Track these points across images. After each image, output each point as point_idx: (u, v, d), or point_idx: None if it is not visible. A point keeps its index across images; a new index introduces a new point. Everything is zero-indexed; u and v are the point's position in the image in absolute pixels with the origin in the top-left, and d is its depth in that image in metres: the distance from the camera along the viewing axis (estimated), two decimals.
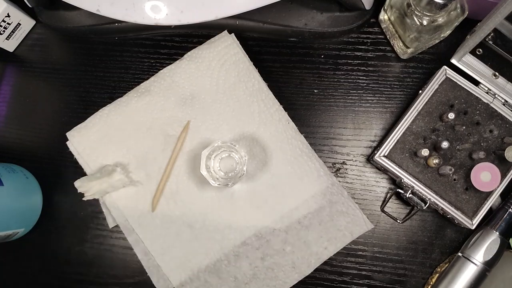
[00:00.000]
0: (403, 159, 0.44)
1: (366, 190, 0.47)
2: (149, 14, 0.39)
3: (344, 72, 0.48)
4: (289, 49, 0.49)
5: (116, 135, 0.46)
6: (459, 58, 0.44)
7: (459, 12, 0.40)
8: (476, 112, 0.44)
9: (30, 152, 0.50)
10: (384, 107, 0.48)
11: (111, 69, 0.51)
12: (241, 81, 0.47)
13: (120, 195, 0.45)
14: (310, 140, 0.47)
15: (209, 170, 0.43)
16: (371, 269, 0.46)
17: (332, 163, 0.47)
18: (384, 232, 0.46)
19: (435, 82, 0.45)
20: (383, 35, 0.48)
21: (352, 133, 0.48)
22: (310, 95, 0.48)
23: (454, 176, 0.44)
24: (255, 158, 0.46)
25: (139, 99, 0.47)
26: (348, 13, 0.47)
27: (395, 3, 0.42)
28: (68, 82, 0.51)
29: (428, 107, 0.44)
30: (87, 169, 0.46)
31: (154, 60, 0.50)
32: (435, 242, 0.46)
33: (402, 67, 0.48)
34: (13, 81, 0.52)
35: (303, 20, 0.47)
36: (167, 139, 0.46)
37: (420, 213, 0.46)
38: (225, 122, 0.47)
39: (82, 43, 0.51)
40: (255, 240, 0.45)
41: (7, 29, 0.49)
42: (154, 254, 0.45)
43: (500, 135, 0.44)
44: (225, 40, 0.47)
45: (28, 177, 0.48)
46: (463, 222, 0.43)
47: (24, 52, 0.52)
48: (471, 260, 0.42)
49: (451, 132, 0.44)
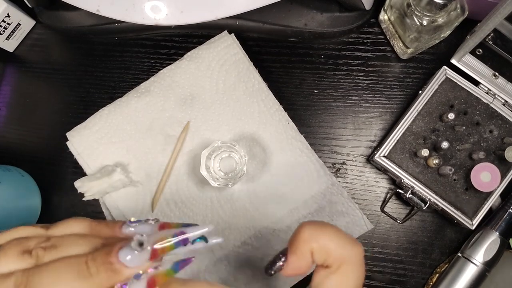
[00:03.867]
0: (403, 159, 0.44)
1: (366, 190, 0.47)
2: (149, 14, 0.39)
3: (344, 72, 0.48)
4: (289, 49, 0.49)
5: (116, 135, 0.46)
6: (459, 58, 0.44)
7: (459, 12, 0.40)
8: (476, 112, 0.44)
9: (30, 152, 0.50)
10: (384, 107, 0.48)
11: (111, 69, 0.51)
12: (241, 81, 0.47)
13: (120, 195, 0.46)
14: (310, 140, 0.47)
15: (209, 170, 0.43)
16: (371, 269, 0.46)
17: (332, 163, 0.47)
18: (384, 232, 0.46)
19: (435, 82, 0.45)
20: (383, 35, 0.48)
21: (352, 133, 0.48)
22: (310, 95, 0.48)
23: (454, 176, 0.44)
24: (255, 158, 0.46)
25: (139, 99, 0.47)
26: (348, 13, 0.47)
27: (395, 3, 0.42)
28: (68, 82, 0.51)
29: (428, 107, 0.44)
30: (87, 169, 0.46)
31: (154, 60, 0.50)
32: (435, 242, 0.46)
33: (402, 67, 0.48)
34: (13, 81, 0.52)
35: (303, 20, 0.47)
36: (167, 139, 0.46)
37: (420, 213, 0.46)
38: (225, 122, 0.47)
39: (82, 43, 0.51)
40: (255, 240, 0.45)
41: (7, 29, 0.49)
42: None
43: (500, 135, 0.44)
44: (225, 40, 0.47)
45: (24, 176, 0.47)
46: (463, 222, 0.43)
47: (24, 52, 0.52)
48: (471, 260, 0.42)
49: (451, 132, 0.44)
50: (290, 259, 0.26)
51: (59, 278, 0.20)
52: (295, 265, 0.25)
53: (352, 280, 0.24)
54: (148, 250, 0.21)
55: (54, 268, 0.21)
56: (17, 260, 0.21)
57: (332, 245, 0.24)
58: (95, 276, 0.20)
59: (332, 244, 0.24)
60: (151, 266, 0.22)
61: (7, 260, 0.21)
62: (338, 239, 0.25)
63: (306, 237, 0.25)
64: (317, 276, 0.25)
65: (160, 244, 0.21)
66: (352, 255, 0.24)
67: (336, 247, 0.24)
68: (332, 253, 0.24)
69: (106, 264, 0.21)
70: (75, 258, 0.21)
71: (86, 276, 0.20)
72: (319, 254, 0.25)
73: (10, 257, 0.21)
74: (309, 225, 0.25)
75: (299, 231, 0.25)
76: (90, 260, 0.21)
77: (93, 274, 0.20)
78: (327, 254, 0.24)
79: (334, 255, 0.24)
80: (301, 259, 0.25)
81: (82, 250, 0.22)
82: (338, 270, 0.24)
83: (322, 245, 0.24)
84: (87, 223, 0.24)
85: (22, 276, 0.20)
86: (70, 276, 0.20)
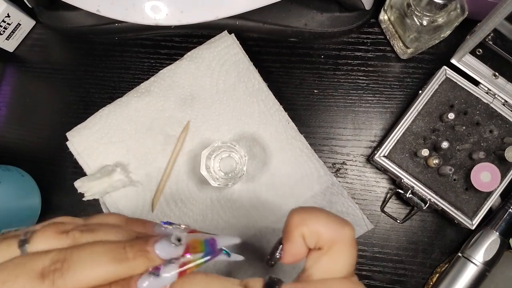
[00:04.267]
0: (403, 159, 0.44)
1: (366, 190, 0.47)
2: (149, 14, 0.39)
3: (344, 72, 0.48)
4: (289, 49, 0.49)
5: (116, 135, 0.46)
6: (459, 58, 0.44)
7: (459, 12, 0.40)
8: (476, 112, 0.44)
9: (30, 152, 0.50)
10: (384, 107, 0.48)
11: (111, 69, 0.51)
12: (241, 81, 0.47)
13: (120, 195, 0.45)
14: (310, 140, 0.47)
15: (209, 170, 0.43)
16: (371, 269, 0.46)
17: (332, 163, 0.47)
18: (384, 232, 0.46)
19: (435, 82, 0.45)
20: (383, 35, 0.48)
21: (352, 133, 0.48)
22: (310, 95, 0.48)
23: (454, 176, 0.44)
24: (255, 158, 0.46)
25: (139, 99, 0.47)
26: (348, 13, 0.47)
27: (395, 3, 0.42)
28: (68, 82, 0.51)
29: (428, 107, 0.44)
30: (87, 169, 0.46)
31: (154, 60, 0.50)
32: (435, 242, 0.46)
33: (402, 67, 0.48)
34: (13, 81, 0.52)
35: (303, 20, 0.47)
36: (167, 139, 0.46)
37: (420, 213, 0.46)
38: (225, 122, 0.47)
39: (82, 43, 0.51)
40: (255, 240, 0.45)
41: (7, 29, 0.49)
42: None
43: (500, 135, 0.44)
44: (225, 40, 0.47)
45: (24, 175, 0.47)
46: (463, 222, 0.43)
47: (24, 52, 0.52)
48: (471, 260, 0.42)
49: (451, 132, 0.44)
50: (285, 247, 0.26)
51: (96, 258, 0.21)
52: (291, 252, 0.26)
53: (343, 259, 0.24)
54: (183, 246, 0.22)
55: (92, 249, 0.21)
56: (55, 239, 0.22)
57: (321, 227, 0.25)
58: (132, 261, 0.21)
59: (321, 226, 0.25)
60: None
61: (45, 238, 0.22)
62: (327, 220, 0.25)
63: (296, 223, 0.25)
64: (309, 259, 0.25)
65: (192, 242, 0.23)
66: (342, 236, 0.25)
67: (326, 229, 0.24)
68: (322, 235, 0.24)
69: (143, 251, 0.22)
70: (113, 242, 0.22)
71: (123, 259, 0.21)
72: (310, 238, 0.25)
73: (48, 236, 0.22)
74: (298, 210, 0.26)
75: (289, 218, 0.26)
76: (128, 246, 0.22)
77: (129, 258, 0.21)
78: (317, 236, 0.25)
79: (324, 237, 0.24)
80: (296, 245, 0.25)
81: (118, 238, 0.23)
82: (329, 251, 0.24)
83: (312, 228, 0.25)
84: (122, 217, 0.26)
85: (60, 253, 0.21)
86: (107, 257, 0.21)
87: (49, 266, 0.20)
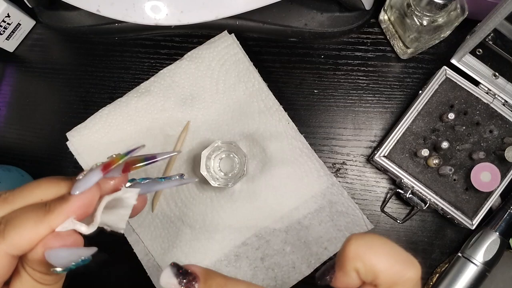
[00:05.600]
0: (403, 159, 0.44)
1: (366, 190, 0.47)
2: (149, 14, 0.39)
3: (344, 72, 0.48)
4: (289, 49, 0.49)
5: (116, 135, 0.46)
6: (459, 58, 0.44)
7: (459, 12, 0.40)
8: (476, 112, 0.44)
9: (30, 152, 0.50)
10: (384, 107, 0.48)
11: (111, 69, 0.51)
12: (241, 81, 0.47)
13: None
14: (310, 140, 0.47)
15: (209, 170, 0.43)
16: None
17: (332, 163, 0.47)
18: (384, 232, 0.46)
19: (435, 82, 0.45)
20: (383, 35, 0.48)
21: (352, 133, 0.48)
22: (310, 95, 0.48)
23: (454, 176, 0.44)
24: (255, 158, 0.46)
25: (139, 99, 0.47)
26: (348, 13, 0.47)
27: (395, 3, 0.42)
28: (68, 82, 0.51)
29: (428, 107, 0.44)
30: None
31: (154, 60, 0.50)
32: (435, 242, 0.46)
33: (402, 67, 0.48)
34: (13, 81, 0.52)
35: (303, 20, 0.47)
36: (167, 139, 0.46)
37: (420, 213, 0.46)
38: (225, 122, 0.47)
39: (82, 43, 0.51)
40: (255, 240, 0.45)
41: (7, 29, 0.49)
42: (154, 254, 0.45)
43: (500, 135, 0.44)
44: (225, 40, 0.47)
45: (24, 176, 0.47)
46: (463, 222, 0.43)
47: (24, 52, 0.52)
48: (471, 260, 0.42)
49: (451, 132, 0.44)
50: (337, 274, 0.23)
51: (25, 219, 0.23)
52: (343, 281, 0.23)
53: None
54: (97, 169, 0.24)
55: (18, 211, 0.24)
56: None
57: (380, 265, 0.21)
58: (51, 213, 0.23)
59: (381, 264, 0.21)
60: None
61: None
62: (388, 258, 0.21)
63: (351, 255, 0.22)
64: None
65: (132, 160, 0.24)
66: (404, 279, 0.21)
67: (386, 269, 0.21)
68: (380, 275, 0.21)
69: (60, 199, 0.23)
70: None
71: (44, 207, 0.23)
72: (365, 274, 0.22)
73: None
74: (356, 239, 0.22)
75: (345, 247, 0.22)
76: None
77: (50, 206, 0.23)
78: (374, 275, 0.21)
79: (382, 277, 0.21)
80: (348, 277, 0.22)
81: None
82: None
83: (368, 265, 0.21)
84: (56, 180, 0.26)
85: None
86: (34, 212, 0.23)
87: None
